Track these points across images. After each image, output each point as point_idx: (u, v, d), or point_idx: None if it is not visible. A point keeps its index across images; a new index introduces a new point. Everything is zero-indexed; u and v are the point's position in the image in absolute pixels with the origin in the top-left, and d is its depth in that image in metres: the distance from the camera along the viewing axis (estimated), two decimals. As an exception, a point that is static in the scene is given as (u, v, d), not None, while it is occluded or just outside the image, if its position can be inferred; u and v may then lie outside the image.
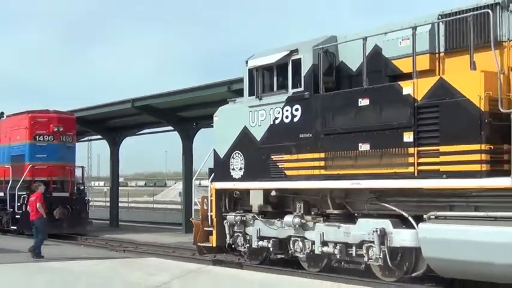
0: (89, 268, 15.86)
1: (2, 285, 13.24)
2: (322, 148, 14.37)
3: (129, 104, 26.99)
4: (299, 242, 15.36)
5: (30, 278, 14.26)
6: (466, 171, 11.88)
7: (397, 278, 13.51)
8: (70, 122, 27.69)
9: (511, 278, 11.71)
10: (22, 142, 26.69)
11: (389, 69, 13.71)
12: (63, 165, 27.12)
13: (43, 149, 26.57)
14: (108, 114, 29.97)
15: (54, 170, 26.58)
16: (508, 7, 12.09)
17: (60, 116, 27.62)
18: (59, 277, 14.47)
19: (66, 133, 27.23)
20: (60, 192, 26.21)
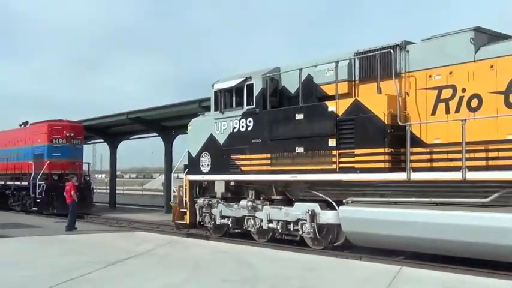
0: (94, 239, 15.76)
1: (23, 251, 13.04)
2: (269, 150, 14.40)
3: (124, 116, 26.88)
4: (251, 220, 15.38)
5: (47, 246, 14.11)
6: (374, 168, 12.04)
7: (324, 246, 13.63)
8: (79, 129, 27.62)
9: (404, 246, 11.95)
10: (42, 144, 26.51)
11: (318, 92, 13.75)
12: (73, 161, 26.93)
13: (58, 149, 26.42)
14: (108, 124, 29.69)
15: (66, 165, 26.43)
16: (404, 48, 12.28)
17: (71, 124, 27.53)
18: (70, 245, 14.35)
19: (76, 137, 27.16)
20: (72, 182, 26.09)
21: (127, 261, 11.42)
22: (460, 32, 11.40)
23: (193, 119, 17.77)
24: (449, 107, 11.42)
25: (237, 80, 15.56)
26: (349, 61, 13.17)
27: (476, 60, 11.09)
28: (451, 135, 11.08)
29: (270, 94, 14.73)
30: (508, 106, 10.54)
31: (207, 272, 10.22)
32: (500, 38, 11.41)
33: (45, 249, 13.61)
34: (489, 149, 10.69)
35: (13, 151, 28.96)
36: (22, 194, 27.15)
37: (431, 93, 11.72)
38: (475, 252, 10.61)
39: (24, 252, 12.97)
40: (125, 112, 27.03)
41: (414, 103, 12.03)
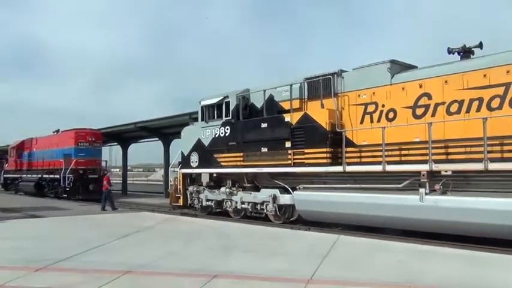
0: (111, 218, 15.51)
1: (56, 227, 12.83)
2: (242, 150, 14.42)
3: (133, 125, 26.54)
4: (229, 202, 15.37)
5: (74, 224, 13.84)
6: (319, 163, 12.16)
7: (282, 221, 13.67)
8: (98, 135, 27.16)
9: (341, 220, 12.10)
10: (70, 146, 26.03)
11: (278, 107, 13.80)
12: (94, 159, 26.47)
13: (83, 151, 25.95)
14: (121, 131, 29.21)
15: (89, 163, 25.99)
16: (340, 74, 12.42)
17: (92, 131, 27.07)
18: (92, 222, 14.11)
19: (96, 141, 26.73)
20: (93, 175, 25.74)
21: (136, 233, 11.32)
22: (380, 63, 11.59)
23: (185, 127, 17.66)
24: (373, 118, 11.62)
25: (217, 98, 15.54)
26: (300, 84, 13.27)
27: (392, 83, 11.31)
28: (374, 138, 11.23)
29: (242, 108, 14.75)
30: (414, 117, 10.80)
31: (195, 241, 10.21)
32: (408, 67, 11.65)
33: (73, 226, 13.39)
34: (402, 148, 10.91)
35: (48, 152, 28.37)
36: (55, 184, 26.65)
37: (360, 108, 11.90)
38: (393, 224, 10.79)
39: (56, 228, 12.73)
40: (133, 122, 26.72)
41: (348, 115, 12.16)
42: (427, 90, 10.58)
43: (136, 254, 8.58)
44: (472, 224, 9.20)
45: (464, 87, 9.96)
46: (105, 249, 9.20)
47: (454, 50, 10.79)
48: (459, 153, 9.90)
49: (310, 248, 9.20)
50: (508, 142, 9.18)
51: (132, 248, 9.37)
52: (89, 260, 8.08)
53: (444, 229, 9.88)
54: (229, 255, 8.43)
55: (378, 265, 7.63)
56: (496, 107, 9.45)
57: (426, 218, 9.96)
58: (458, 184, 9.84)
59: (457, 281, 6.53)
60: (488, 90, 9.59)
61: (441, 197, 9.80)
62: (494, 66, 9.57)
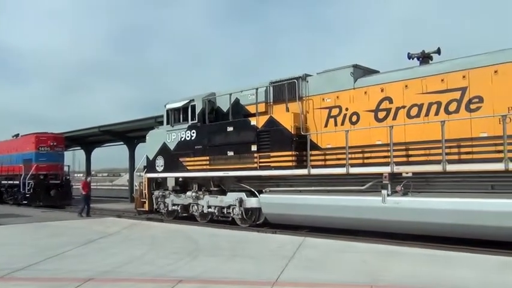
0: (73, 224, 15.06)
1: (15, 235, 12.36)
2: (208, 154, 14.35)
3: (97, 129, 26.00)
4: (195, 206, 15.24)
5: (34, 231, 13.35)
6: (284, 166, 12.24)
7: (249, 224, 13.66)
8: (60, 139, 26.37)
9: (307, 222, 12.17)
10: (31, 151, 25.17)
11: (244, 111, 13.82)
12: (56, 164, 25.68)
13: (43, 155, 25.17)
14: (84, 135, 28.55)
15: (51, 167, 25.24)
16: (305, 79, 12.56)
17: (54, 136, 26.26)
18: (53, 230, 13.64)
19: (58, 146, 25.94)
20: (55, 180, 25.01)
21: (99, 240, 11.05)
22: (344, 67, 11.81)
23: (151, 131, 17.41)
24: (337, 121, 11.80)
25: (183, 102, 15.41)
26: (266, 88, 13.35)
27: (355, 88, 11.53)
28: (338, 141, 11.40)
29: (208, 112, 14.69)
30: (377, 120, 11.04)
31: (161, 246, 10.05)
32: (371, 72, 11.90)
33: (33, 234, 12.92)
34: (365, 151, 11.12)
35: (6, 157, 27.30)
36: (14, 190, 25.72)
37: (324, 111, 12.06)
38: (357, 225, 10.95)
39: (15, 236, 12.27)
40: (97, 126, 26.17)
41: (312, 119, 12.30)
42: (389, 94, 10.84)
43: (99, 261, 8.36)
44: (432, 223, 9.46)
45: (423, 92, 10.27)
46: (67, 256, 8.92)
47: (413, 56, 11.11)
48: (419, 156, 10.18)
49: (276, 250, 9.21)
50: (465, 144, 9.51)
51: (94, 255, 9.12)
52: (49, 268, 7.81)
53: (406, 229, 10.11)
54: (194, 259, 8.34)
55: (342, 266, 7.73)
56: (453, 111, 9.78)
57: (388, 219, 10.17)
58: (419, 185, 10.11)
59: (418, 279, 6.69)
60: (445, 94, 9.92)
61: (402, 198, 10.03)
62: (451, 72, 9.91)
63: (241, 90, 13.95)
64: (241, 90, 13.95)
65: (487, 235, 8.98)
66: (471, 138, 9.44)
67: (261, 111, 13.18)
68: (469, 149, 9.49)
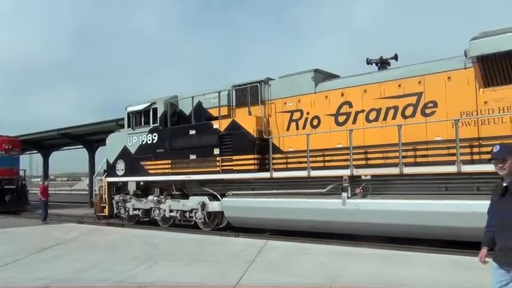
0: (29, 230, 14.59)
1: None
2: (170, 157, 14.22)
3: (55, 132, 25.23)
4: (157, 210, 15.05)
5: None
6: (247, 169, 12.30)
7: (212, 228, 13.60)
8: (16, 142, 25.42)
9: (269, 225, 12.23)
10: (-16, 155, 24.16)
11: (206, 114, 13.79)
12: (11, 169, 24.71)
13: (-2, 159, 24.24)
14: (42, 138, 27.68)
15: (5, 172, 24.25)
16: (267, 83, 12.67)
17: (9, 139, 25.28)
18: (9, 235, 13.19)
19: (13, 149, 24.97)
20: (10, 185, 24.07)
21: (56, 246, 10.75)
22: (305, 72, 11.99)
23: (111, 134, 17.10)
24: (298, 125, 11.96)
25: (144, 104, 15.22)
26: (228, 91, 13.37)
27: (316, 92, 11.73)
28: (300, 145, 11.54)
29: (170, 115, 14.58)
30: (337, 124, 11.27)
31: (120, 252, 9.89)
32: (331, 76, 12.15)
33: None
34: (325, 154, 11.33)
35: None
36: (-35, 196, 24.56)
37: (286, 115, 12.20)
38: (318, 227, 11.06)
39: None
40: (55, 129, 25.41)
41: (274, 122, 12.41)
42: (348, 98, 11.09)
43: (55, 268, 8.14)
44: (390, 224, 9.74)
45: (381, 96, 10.57)
46: (21, 264, 8.63)
47: (372, 61, 11.44)
48: (378, 159, 10.46)
49: (237, 254, 9.24)
50: (420, 148, 9.86)
51: (51, 262, 8.87)
52: (2, 277, 7.53)
53: (365, 231, 10.35)
54: (155, 264, 8.25)
55: (302, 268, 7.84)
56: (410, 115, 10.13)
57: (348, 221, 10.37)
58: (378, 187, 10.38)
59: (376, 280, 6.88)
60: (402, 99, 10.25)
61: (361, 200, 10.28)
62: (407, 77, 10.25)
63: (203, 94, 13.92)
64: (203, 94, 13.92)
65: (442, 235, 9.32)
66: (426, 141, 9.79)
67: (224, 114, 13.18)
68: (424, 152, 9.84)
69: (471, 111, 9.25)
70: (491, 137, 8.91)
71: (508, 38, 8.64)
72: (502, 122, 8.85)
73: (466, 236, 8.97)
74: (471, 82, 9.28)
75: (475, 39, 9.00)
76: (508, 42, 8.62)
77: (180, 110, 14.77)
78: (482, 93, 9.13)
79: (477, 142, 9.14)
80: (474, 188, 9.15)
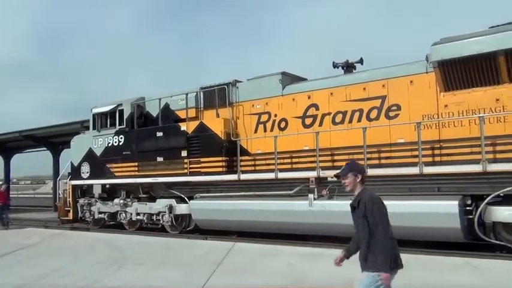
0: (-13, 237, 14.06)
1: None
2: (136, 159, 14.01)
3: (18, 134, 24.40)
4: (123, 213, 14.77)
5: None
6: (215, 172, 12.26)
7: (179, 231, 13.47)
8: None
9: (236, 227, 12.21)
10: None
11: (174, 116, 13.66)
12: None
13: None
14: (2, 140, 26.71)
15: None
16: (235, 85, 12.69)
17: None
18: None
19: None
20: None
21: (17, 252, 10.42)
22: (272, 75, 12.06)
23: (75, 136, 16.70)
24: (266, 127, 12.02)
25: (110, 106, 14.95)
26: (196, 93, 13.30)
27: (283, 94, 11.81)
28: (267, 147, 11.59)
29: (137, 117, 14.37)
30: (304, 127, 11.38)
31: (85, 257, 9.67)
32: (299, 79, 12.27)
33: None
34: (293, 156, 11.41)
35: None
36: None
37: (254, 117, 12.24)
38: (286, 228, 11.12)
39: None
40: (18, 130, 24.56)
41: (242, 124, 12.43)
42: (315, 101, 11.23)
43: (16, 274, 7.89)
44: (355, 225, 9.88)
45: (347, 99, 10.75)
46: (-21, 271, 8.31)
47: (338, 65, 11.63)
48: (343, 160, 10.58)
49: (205, 256, 9.20)
50: (384, 150, 10.08)
51: (11, 268, 8.60)
52: (-42, 284, 7.25)
53: (332, 231, 10.47)
54: (120, 268, 8.12)
55: (269, 269, 7.88)
56: (374, 118, 10.35)
57: (315, 222, 10.48)
58: (344, 189, 10.47)
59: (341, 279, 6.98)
60: (367, 102, 10.46)
61: (328, 201, 10.41)
62: (372, 81, 10.47)
63: (171, 95, 13.80)
64: (171, 95, 13.80)
65: (406, 235, 9.52)
66: (390, 144, 10.02)
67: (191, 116, 13.11)
68: (388, 154, 10.07)
69: (432, 114, 9.54)
70: (451, 139, 9.25)
71: (467, 44, 8.96)
72: (461, 125, 9.16)
73: (428, 236, 9.25)
74: (432, 86, 9.58)
75: (435, 45, 9.30)
76: (467, 48, 8.94)
77: (147, 111, 14.59)
78: (442, 97, 9.44)
79: (438, 144, 9.43)
80: (435, 189, 9.44)
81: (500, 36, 8.64)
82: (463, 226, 8.71)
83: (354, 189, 4.14)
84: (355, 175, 4.11)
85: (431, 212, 8.91)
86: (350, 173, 4.12)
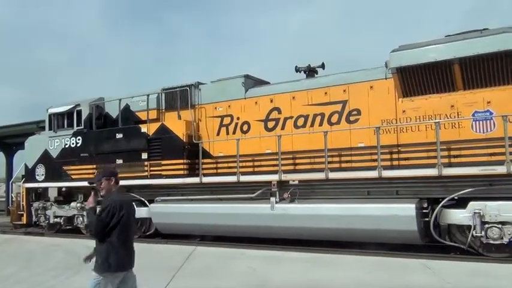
0: None
1: None
2: (95, 162, 13.57)
3: (-33, 134, 23.22)
4: (80, 217, 14.27)
5: None
6: (176, 174, 12.06)
7: (139, 235, 12.99)
8: None
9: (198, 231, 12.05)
10: None
11: (134, 117, 13.36)
12: None
13: None
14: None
15: None
16: (198, 87, 12.56)
17: None
18: None
19: None
20: None
21: (-36, 259, 9.88)
22: (235, 77, 12.02)
23: (30, 137, 16.02)
24: (229, 130, 11.95)
25: (68, 106, 14.46)
26: (158, 95, 13.07)
27: (246, 97, 11.79)
28: (230, 150, 11.49)
29: (96, 118, 13.96)
30: (266, 130, 11.39)
31: (38, 262, 9.30)
32: (261, 83, 12.28)
33: None
34: (255, 160, 11.39)
35: None
36: None
37: (216, 120, 12.15)
38: (248, 232, 11.07)
39: None
40: (-33, 130, 23.36)
41: (205, 127, 12.30)
42: (277, 104, 11.27)
43: (-39, 282, 7.46)
44: (317, 228, 9.97)
45: (309, 103, 10.85)
46: None
47: (300, 69, 11.73)
48: (305, 164, 10.71)
49: (165, 261, 9.05)
50: (345, 153, 10.23)
51: (-44, 276, 8.11)
52: None
53: (293, 234, 10.53)
54: (75, 274, 7.82)
55: (230, 273, 7.82)
56: (335, 122, 10.49)
57: (277, 225, 10.50)
58: (305, 192, 10.61)
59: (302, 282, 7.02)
60: (328, 106, 10.59)
61: (289, 205, 10.45)
62: (333, 85, 10.62)
63: (132, 96, 13.50)
64: (132, 96, 13.50)
65: (365, 237, 9.71)
66: (350, 148, 10.18)
67: (153, 118, 12.87)
68: (349, 158, 10.22)
69: (391, 119, 9.76)
70: (409, 144, 9.50)
71: (424, 52, 9.25)
72: (418, 130, 9.43)
73: (387, 238, 9.45)
74: (391, 92, 9.81)
75: (394, 52, 9.54)
76: (424, 55, 9.22)
77: (107, 112, 14.20)
78: (401, 103, 9.68)
79: (396, 149, 9.65)
80: (394, 192, 9.66)
81: (455, 44, 8.97)
82: (420, 228, 8.95)
83: (109, 192, 4.43)
84: (107, 179, 4.42)
85: (389, 215, 9.09)
86: (103, 178, 4.42)
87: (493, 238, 8.49)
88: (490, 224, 8.52)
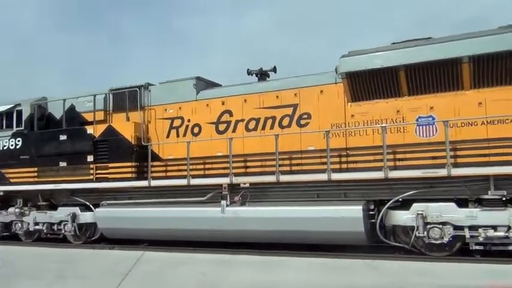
0: None
1: None
2: (36, 165, 12.89)
3: None
4: (19, 223, 13.50)
5: None
6: (124, 178, 11.68)
7: (83, 241, 12.59)
8: None
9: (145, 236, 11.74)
10: None
11: (80, 118, 12.81)
12: None
13: None
14: None
15: None
16: (147, 88, 12.25)
17: None
18: None
19: None
20: None
21: None
22: (186, 79, 11.83)
23: (-36, 138, 15.00)
24: (179, 132, 11.74)
25: (7, 106, 13.63)
26: (105, 95, 12.61)
27: (197, 99, 11.63)
28: (180, 152, 11.29)
29: (38, 118, 13.26)
30: (218, 132, 11.28)
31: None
32: (213, 85, 12.16)
33: None
34: (206, 162, 11.25)
35: None
36: None
37: (166, 122, 11.90)
38: (198, 236, 10.85)
39: None
40: None
41: (154, 129, 12.02)
42: (229, 107, 11.21)
43: None
44: (267, 231, 9.98)
45: (260, 106, 10.87)
46: None
47: (252, 72, 11.74)
48: (256, 167, 10.70)
49: (110, 267, 8.73)
50: (295, 157, 10.33)
51: None
52: None
53: (244, 238, 10.50)
54: (9, 285, 7.36)
55: (180, 278, 7.66)
56: (286, 125, 10.57)
57: (228, 229, 10.42)
58: (256, 195, 10.60)
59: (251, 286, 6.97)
60: (280, 110, 10.66)
61: (240, 208, 10.41)
62: (284, 89, 10.71)
63: (77, 97, 12.95)
64: (77, 97, 12.95)
65: (315, 239, 9.85)
66: (301, 151, 10.29)
67: (99, 119, 12.41)
68: (299, 161, 10.33)
69: (340, 123, 9.96)
70: (357, 148, 9.74)
71: (372, 58, 9.53)
72: (366, 134, 9.69)
73: (335, 240, 9.62)
74: (340, 96, 10.02)
75: (344, 57, 9.76)
76: (371, 61, 9.50)
77: (50, 113, 13.57)
78: (349, 107, 9.91)
79: (345, 152, 9.86)
80: (342, 195, 9.87)
81: (401, 52, 9.31)
82: (367, 230, 9.18)
83: None
84: None
85: (337, 217, 9.27)
86: None
87: (434, 238, 8.87)
88: (432, 225, 8.89)
